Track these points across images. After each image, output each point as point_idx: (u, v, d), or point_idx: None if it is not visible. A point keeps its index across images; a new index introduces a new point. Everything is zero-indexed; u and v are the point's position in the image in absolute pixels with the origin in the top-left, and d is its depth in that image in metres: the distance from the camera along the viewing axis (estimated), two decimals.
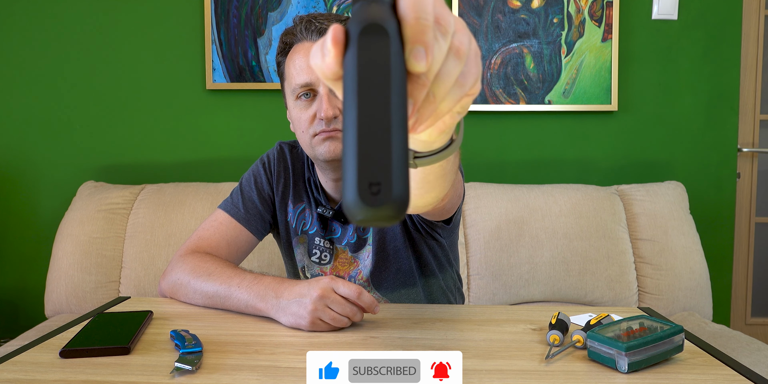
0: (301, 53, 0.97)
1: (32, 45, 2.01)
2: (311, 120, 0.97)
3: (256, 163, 1.15)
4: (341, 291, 0.81)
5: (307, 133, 0.98)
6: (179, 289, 0.97)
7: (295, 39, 0.99)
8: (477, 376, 0.67)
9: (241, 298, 0.88)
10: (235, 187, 1.14)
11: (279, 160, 1.13)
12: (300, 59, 0.96)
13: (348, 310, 0.81)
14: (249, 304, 0.88)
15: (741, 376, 0.67)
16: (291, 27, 1.00)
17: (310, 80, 0.95)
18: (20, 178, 2.04)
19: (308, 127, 0.98)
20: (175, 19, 2.00)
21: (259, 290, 0.87)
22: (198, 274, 0.95)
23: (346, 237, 1.10)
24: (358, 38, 0.32)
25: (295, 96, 0.98)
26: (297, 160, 1.14)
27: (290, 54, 0.99)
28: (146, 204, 1.78)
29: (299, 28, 0.97)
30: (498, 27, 1.97)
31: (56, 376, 0.67)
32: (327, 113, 0.93)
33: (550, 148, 2.03)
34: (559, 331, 0.77)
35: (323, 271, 1.10)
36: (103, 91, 2.02)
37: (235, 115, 2.02)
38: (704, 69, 2.01)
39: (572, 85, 1.98)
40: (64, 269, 1.71)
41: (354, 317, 0.82)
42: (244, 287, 0.89)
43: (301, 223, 1.12)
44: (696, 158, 2.03)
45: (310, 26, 0.96)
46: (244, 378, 0.66)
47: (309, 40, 0.97)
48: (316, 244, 1.11)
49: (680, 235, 1.74)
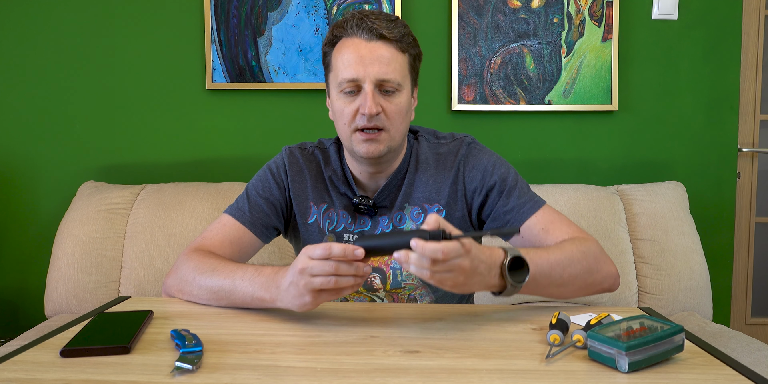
0: (351, 48, 0.99)
1: (32, 45, 2.01)
2: (354, 114, 1.00)
3: (264, 170, 1.15)
4: (315, 254, 0.78)
5: (348, 126, 1.01)
6: (185, 287, 0.97)
7: (344, 33, 1.00)
8: (477, 376, 0.67)
9: (246, 291, 0.89)
10: (241, 193, 1.14)
11: (291, 165, 1.13)
12: (348, 54, 0.99)
13: (329, 268, 0.77)
14: (255, 296, 0.88)
15: (741, 376, 0.67)
16: (342, 20, 1.01)
17: (357, 76, 0.98)
18: (20, 178, 2.04)
19: (350, 120, 1.01)
20: (175, 19, 2.00)
21: (262, 282, 0.88)
22: (203, 271, 0.95)
23: (379, 228, 1.09)
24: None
25: (340, 89, 1.01)
26: (311, 162, 1.14)
27: (338, 47, 1.01)
28: (146, 204, 1.78)
29: (351, 23, 0.99)
30: (498, 27, 1.97)
31: (57, 375, 0.66)
32: (371, 110, 0.97)
33: (550, 148, 2.03)
34: (559, 331, 0.76)
35: None
36: (103, 91, 2.02)
37: (235, 115, 2.03)
38: (704, 69, 2.01)
39: (572, 85, 1.98)
40: (64, 269, 1.71)
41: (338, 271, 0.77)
42: (248, 280, 0.89)
43: (326, 222, 1.12)
44: (696, 158, 2.03)
45: (361, 24, 0.98)
46: (245, 377, 0.66)
47: (358, 37, 0.99)
48: (345, 240, 1.10)
49: (680, 235, 1.74)
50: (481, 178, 1.08)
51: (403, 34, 1.00)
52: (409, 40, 1.02)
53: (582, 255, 0.95)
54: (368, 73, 0.97)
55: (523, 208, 1.04)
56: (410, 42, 1.02)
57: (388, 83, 0.99)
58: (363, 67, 0.97)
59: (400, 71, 1.00)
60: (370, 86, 0.98)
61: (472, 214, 1.10)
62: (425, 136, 1.14)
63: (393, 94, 1.00)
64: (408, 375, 0.67)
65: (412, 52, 1.04)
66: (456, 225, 1.08)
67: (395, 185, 1.10)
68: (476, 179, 1.08)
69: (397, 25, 1.00)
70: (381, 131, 1.00)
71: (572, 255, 0.93)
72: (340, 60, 1.00)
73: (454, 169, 1.09)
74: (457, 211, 1.09)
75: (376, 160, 1.04)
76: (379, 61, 0.98)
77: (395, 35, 0.99)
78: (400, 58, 1.00)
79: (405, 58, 1.02)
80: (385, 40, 0.99)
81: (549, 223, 1.03)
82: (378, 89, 0.99)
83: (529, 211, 1.04)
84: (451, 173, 1.09)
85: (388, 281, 1.10)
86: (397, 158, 1.09)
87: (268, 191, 1.11)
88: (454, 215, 1.09)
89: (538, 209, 1.04)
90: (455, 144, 1.12)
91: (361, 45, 0.98)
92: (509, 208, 1.05)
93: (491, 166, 1.08)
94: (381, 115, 0.99)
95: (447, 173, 1.09)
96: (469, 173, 1.09)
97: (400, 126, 1.03)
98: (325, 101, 1.24)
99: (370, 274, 0.84)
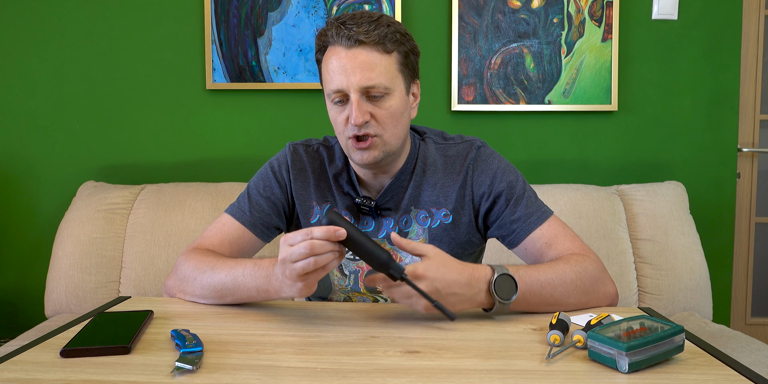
0: (333, 58, 0.97)
1: (32, 45, 2.01)
2: (345, 123, 0.99)
3: (265, 168, 1.13)
4: (295, 240, 0.79)
5: (343, 134, 1.01)
6: (186, 287, 0.97)
7: (328, 41, 0.99)
8: (477, 376, 0.67)
9: (249, 285, 0.90)
10: (242, 191, 1.12)
11: (294, 162, 1.12)
12: (333, 64, 0.97)
13: (304, 250, 0.77)
14: (260, 289, 0.90)
15: (741, 376, 0.67)
16: (324, 29, 0.99)
17: (342, 87, 0.96)
18: (20, 179, 2.04)
19: (343, 129, 1.00)
20: (175, 19, 2.00)
21: (263, 275, 0.89)
22: (203, 270, 0.96)
23: (383, 229, 1.08)
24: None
25: (330, 99, 1.00)
26: (315, 160, 1.13)
27: (325, 56, 1.00)
28: (146, 204, 1.78)
29: (331, 32, 0.97)
30: (498, 27, 1.97)
31: (57, 375, 0.66)
32: (356, 120, 0.96)
33: (550, 148, 2.03)
34: (559, 331, 0.77)
35: (359, 266, 1.10)
36: (103, 91, 2.02)
37: (235, 115, 2.03)
38: (704, 69, 2.01)
39: (572, 85, 1.98)
40: (64, 269, 1.71)
41: (314, 250, 0.78)
42: (249, 275, 0.90)
43: None
44: (696, 158, 2.03)
45: (340, 32, 0.96)
46: (245, 377, 0.66)
47: (339, 45, 0.97)
48: None
49: (680, 235, 1.74)
50: (489, 183, 1.06)
51: (384, 34, 0.97)
52: (394, 39, 0.98)
53: (576, 275, 0.94)
54: (351, 83, 0.95)
55: (530, 218, 1.03)
56: (396, 39, 0.98)
57: (373, 89, 0.96)
58: (345, 76, 0.96)
59: (385, 74, 0.97)
60: (355, 95, 0.96)
61: (479, 220, 1.09)
62: (432, 137, 1.13)
63: (382, 98, 0.98)
64: (408, 375, 0.67)
65: (402, 50, 1.00)
66: (462, 230, 1.08)
67: (400, 186, 1.08)
68: (485, 184, 1.07)
69: (378, 26, 0.96)
70: (373, 138, 0.99)
71: (564, 275, 0.93)
72: (325, 70, 0.99)
73: (463, 173, 1.08)
74: (464, 216, 1.08)
75: (373, 165, 1.03)
76: (361, 67, 0.95)
77: (374, 38, 0.96)
78: (384, 61, 0.97)
79: (391, 59, 0.98)
80: (364, 45, 0.96)
81: (553, 238, 1.02)
82: (365, 96, 0.97)
83: (535, 222, 1.03)
84: (460, 177, 1.08)
85: None
86: (399, 159, 1.08)
87: (269, 190, 1.10)
88: (461, 220, 1.07)
89: (544, 221, 1.03)
90: (464, 146, 1.10)
91: (342, 53, 0.97)
92: (516, 217, 1.04)
93: (501, 172, 1.07)
94: (371, 122, 0.98)
95: (455, 177, 1.08)
96: (478, 178, 1.07)
97: (394, 129, 1.01)
98: (325, 101, 1.24)
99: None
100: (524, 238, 1.04)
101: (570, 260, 0.97)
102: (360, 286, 1.09)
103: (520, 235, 1.04)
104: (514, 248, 1.07)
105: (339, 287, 1.11)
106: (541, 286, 0.90)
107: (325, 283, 1.11)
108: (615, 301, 1.00)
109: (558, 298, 0.92)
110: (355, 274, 1.09)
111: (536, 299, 0.90)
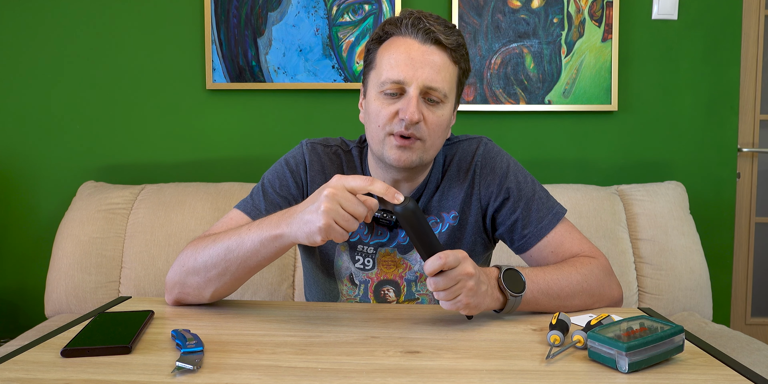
0: (401, 48, 0.92)
1: (32, 45, 2.01)
2: (391, 117, 0.93)
3: (282, 166, 1.07)
4: (351, 184, 0.76)
5: (382, 129, 0.94)
6: (188, 260, 0.91)
7: (397, 31, 0.94)
8: (477, 376, 0.67)
9: (254, 238, 0.84)
10: (255, 187, 1.07)
11: (312, 163, 1.05)
12: (398, 54, 0.92)
13: (360, 211, 0.76)
14: (264, 236, 0.83)
15: (741, 376, 0.67)
16: (396, 18, 0.94)
17: (404, 78, 0.91)
18: (20, 178, 2.04)
19: (386, 123, 0.94)
20: (175, 19, 2.00)
21: (269, 222, 0.84)
22: (203, 247, 0.90)
23: (396, 240, 1.05)
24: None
25: (381, 89, 0.94)
26: (333, 162, 1.07)
27: (387, 44, 0.95)
28: (146, 204, 1.78)
29: (406, 22, 0.92)
30: (498, 27, 1.97)
31: (57, 375, 0.67)
32: (412, 117, 0.90)
33: (550, 148, 2.03)
34: (559, 332, 0.77)
35: (369, 276, 1.06)
36: (103, 91, 2.02)
37: (235, 115, 2.03)
38: (704, 69, 2.01)
39: (572, 85, 1.98)
40: (64, 269, 1.71)
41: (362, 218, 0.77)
42: (254, 228, 0.85)
43: None
44: (696, 158, 2.03)
45: (418, 24, 0.91)
46: (246, 377, 0.66)
47: (412, 37, 0.92)
48: (359, 250, 1.05)
49: (680, 235, 1.74)
50: (498, 182, 1.03)
51: (459, 43, 0.93)
52: (462, 52, 0.95)
53: (582, 277, 0.93)
54: (416, 77, 0.90)
55: (541, 223, 1.01)
56: (463, 54, 0.95)
57: (434, 92, 0.92)
58: (412, 69, 0.90)
59: (449, 82, 0.93)
60: (415, 91, 0.91)
61: (486, 220, 1.06)
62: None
63: (437, 104, 0.94)
64: (408, 375, 0.67)
65: (463, 66, 0.97)
66: (469, 230, 1.05)
67: (416, 199, 1.05)
68: (493, 183, 1.04)
69: (454, 33, 0.93)
70: (417, 140, 0.93)
71: (570, 277, 0.92)
72: (386, 59, 0.93)
73: (471, 172, 1.04)
74: (471, 216, 1.05)
75: (405, 169, 0.97)
76: (431, 66, 0.91)
77: (452, 43, 0.92)
78: (451, 69, 0.94)
79: (455, 70, 0.95)
80: (440, 45, 0.92)
81: (561, 243, 1.01)
82: (423, 97, 0.92)
83: (546, 227, 1.01)
84: (468, 176, 1.04)
85: (402, 293, 1.06)
86: (425, 172, 1.03)
87: (287, 189, 1.04)
88: (467, 220, 1.05)
89: (555, 225, 1.01)
90: (471, 144, 1.07)
91: (413, 46, 0.91)
92: (528, 221, 1.01)
93: (509, 170, 1.04)
94: (421, 124, 0.92)
95: (463, 176, 1.05)
96: (486, 177, 1.04)
97: (437, 139, 0.96)
98: (327, 102, 1.21)
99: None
100: (535, 244, 1.01)
101: (576, 263, 0.96)
102: (369, 297, 1.07)
103: (531, 241, 1.02)
104: (523, 254, 1.05)
105: (347, 297, 1.08)
106: (548, 286, 0.90)
107: (333, 292, 1.09)
108: (620, 303, 0.99)
109: (564, 299, 0.92)
110: (365, 284, 1.06)
111: (543, 298, 0.90)
